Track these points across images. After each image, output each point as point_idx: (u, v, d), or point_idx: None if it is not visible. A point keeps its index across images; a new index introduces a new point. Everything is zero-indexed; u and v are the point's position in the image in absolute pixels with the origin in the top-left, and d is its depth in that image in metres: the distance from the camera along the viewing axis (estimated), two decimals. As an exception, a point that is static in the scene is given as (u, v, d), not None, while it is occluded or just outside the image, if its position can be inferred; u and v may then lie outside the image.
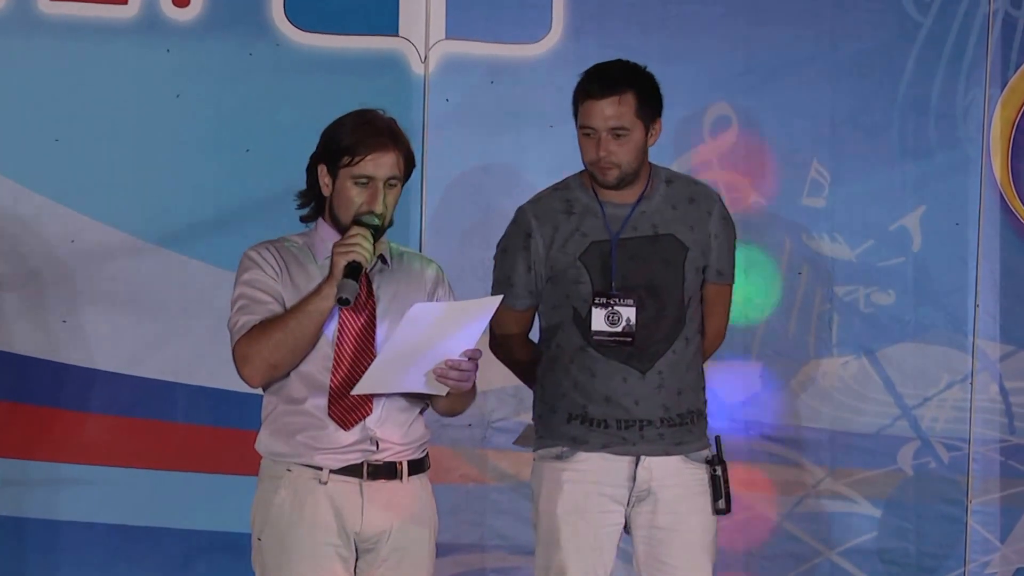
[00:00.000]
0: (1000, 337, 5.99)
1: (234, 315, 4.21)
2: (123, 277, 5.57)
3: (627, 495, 4.55)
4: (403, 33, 5.65)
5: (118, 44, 5.51)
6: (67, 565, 5.59)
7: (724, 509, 4.57)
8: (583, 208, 4.57)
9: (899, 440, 5.96)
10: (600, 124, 4.46)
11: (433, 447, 5.57)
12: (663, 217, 4.58)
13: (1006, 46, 5.93)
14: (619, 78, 4.49)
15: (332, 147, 4.24)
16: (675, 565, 4.56)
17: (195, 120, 5.55)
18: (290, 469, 4.21)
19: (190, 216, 5.56)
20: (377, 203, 4.19)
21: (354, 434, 4.21)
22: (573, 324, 4.55)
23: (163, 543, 5.58)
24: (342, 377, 4.19)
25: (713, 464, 4.58)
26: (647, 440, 4.54)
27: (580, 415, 4.55)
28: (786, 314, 5.91)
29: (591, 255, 4.54)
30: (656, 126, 4.55)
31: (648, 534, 4.58)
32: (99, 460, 5.56)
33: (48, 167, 5.51)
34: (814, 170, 5.89)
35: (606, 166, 4.48)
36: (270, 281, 4.22)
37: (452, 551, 5.72)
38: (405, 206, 5.59)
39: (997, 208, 5.95)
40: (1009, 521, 6.01)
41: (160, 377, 5.56)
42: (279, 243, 4.30)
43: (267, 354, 4.14)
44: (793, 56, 5.87)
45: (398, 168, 4.22)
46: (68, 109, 5.50)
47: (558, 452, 4.56)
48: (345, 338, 4.21)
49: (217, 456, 5.36)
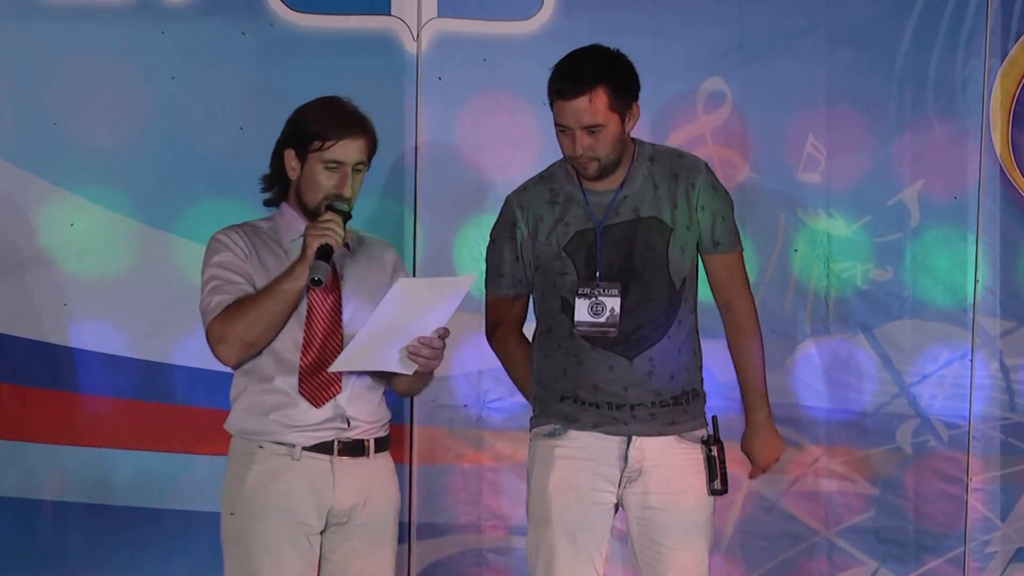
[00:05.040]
0: (1001, 313, 5.97)
1: (206, 296, 4.32)
2: (121, 259, 5.60)
3: (618, 475, 4.57)
4: (395, 12, 5.67)
5: (114, 27, 5.55)
6: (76, 545, 5.64)
7: (720, 490, 4.57)
8: (566, 197, 4.58)
9: (898, 418, 5.94)
10: (574, 123, 4.44)
11: (429, 428, 5.83)
12: (645, 199, 4.57)
13: (1006, 15, 5.89)
14: (589, 74, 4.43)
15: (301, 132, 4.35)
16: (668, 545, 4.57)
17: (191, 100, 5.58)
18: (262, 446, 4.32)
19: (188, 196, 5.59)
20: (346, 187, 4.31)
21: (326, 412, 4.31)
22: (562, 313, 4.57)
23: (163, 524, 5.64)
24: (312, 356, 4.30)
25: (709, 444, 4.59)
26: (639, 420, 4.56)
27: (572, 396, 4.58)
28: (782, 291, 5.90)
29: (575, 245, 4.55)
30: (633, 111, 4.52)
31: (641, 514, 4.58)
32: (101, 442, 5.61)
33: (46, 150, 5.55)
34: (810, 145, 5.87)
35: (585, 161, 4.49)
36: (240, 262, 4.33)
37: (449, 531, 5.79)
38: (399, 182, 5.72)
39: (997, 181, 5.92)
40: (1010, 499, 5.99)
41: (160, 359, 5.61)
42: (246, 226, 4.41)
43: (242, 332, 4.25)
44: (788, 29, 5.84)
45: (365, 154, 4.35)
46: (66, 93, 5.54)
47: (551, 429, 4.59)
48: (315, 318, 4.32)
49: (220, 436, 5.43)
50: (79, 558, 5.65)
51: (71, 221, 5.56)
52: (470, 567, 5.82)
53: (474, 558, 5.81)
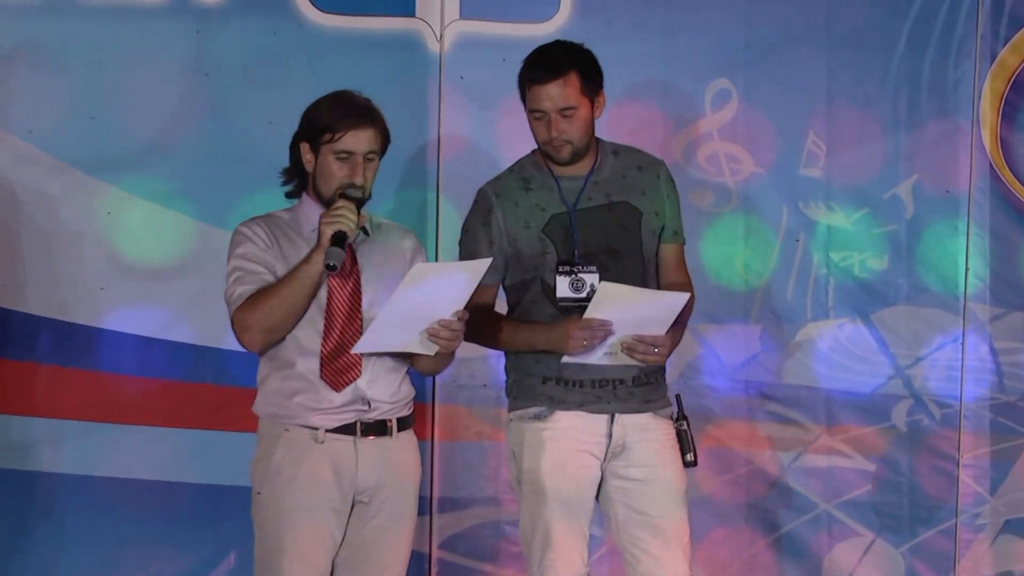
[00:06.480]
0: (990, 300, 6.00)
1: (230, 287, 4.37)
2: (155, 246, 5.65)
3: (604, 451, 4.64)
4: (420, 14, 5.72)
5: (151, 27, 5.58)
6: (105, 517, 5.66)
7: (692, 462, 4.67)
8: (539, 184, 4.65)
9: (893, 398, 5.99)
10: (549, 106, 4.54)
11: (449, 406, 5.67)
12: (615, 185, 4.66)
13: (995, 21, 5.93)
14: (561, 60, 4.55)
15: (313, 126, 4.39)
16: (653, 514, 4.65)
17: (223, 96, 5.62)
18: (287, 429, 4.38)
19: (217, 186, 5.62)
20: (358, 175, 4.35)
21: (347, 395, 4.36)
22: (543, 295, 4.62)
23: (196, 498, 5.70)
24: (333, 342, 4.36)
25: (678, 420, 4.69)
26: (620, 398, 4.63)
27: (556, 377, 4.62)
28: (784, 279, 5.93)
29: (553, 227, 4.62)
30: (600, 99, 4.61)
31: (623, 485, 4.65)
32: (133, 419, 5.66)
33: (85, 143, 5.58)
34: (811, 141, 5.91)
35: (559, 144, 4.57)
36: (261, 253, 4.38)
37: (469, 504, 5.83)
38: (422, 175, 5.73)
39: (987, 176, 5.96)
40: (999, 475, 6.02)
41: (192, 341, 5.67)
42: (268, 218, 4.46)
43: (263, 320, 4.30)
44: (791, 32, 5.88)
45: (375, 143, 4.38)
46: (104, 88, 5.58)
47: (536, 412, 4.65)
48: (334, 305, 4.37)
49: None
50: (111, 530, 5.69)
51: (108, 209, 5.61)
52: (488, 538, 5.85)
53: (492, 530, 5.84)
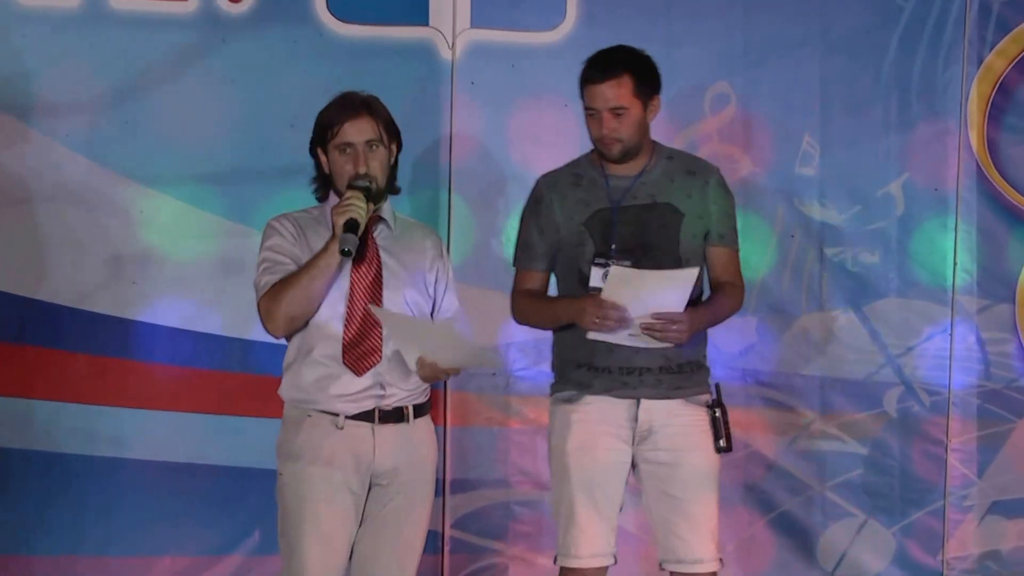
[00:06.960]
0: (977, 292, 6.09)
1: (258, 276, 4.51)
2: (183, 243, 5.74)
3: (631, 435, 4.73)
4: (433, 23, 5.81)
5: (179, 35, 5.68)
6: (132, 497, 5.75)
7: (725, 447, 4.74)
8: (590, 181, 4.75)
9: (884, 385, 6.08)
10: (601, 104, 4.65)
11: (461, 393, 5.79)
12: (661, 188, 4.74)
13: (982, 27, 6.01)
14: (616, 63, 4.66)
15: (319, 129, 4.51)
16: (680, 497, 4.73)
17: (247, 101, 5.71)
18: (310, 415, 4.48)
19: (241, 186, 5.71)
20: (361, 164, 4.43)
21: (366, 380, 4.46)
22: (579, 285, 4.72)
23: (222, 479, 5.80)
24: (355, 329, 4.45)
25: (713, 408, 4.76)
26: (646, 385, 4.72)
27: (587, 364, 4.73)
28: (780, 273, 6.03)
29: (594, 221, 4.71)
30: (654, 103, 4.71)
31: (652, 469, 4.74)
32: (163, 406, 5.75)
33: (117, 146, 5.66)
34: (805, 142, 6.00)
35: (609, 141, 4.68)
36: (289, 246, 4.50)
37: (480, 486, 5.93)
38: (435, 174, 5.81)
39: (974, 175, 6.05)
40: (986, 459, 6.12)
41: (218, 332, 5.77)
42: (299, 213, 4.59)
43: (285, 307, 4.40)
44: (787, 39, 5.97)
45: (375, 132, 4.44)
46: (135, 94, 5.66)
47: (568, 395, 4.76)
48: (356, 293, 4.47)
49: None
50: (142, 510, 5.77)
51: (140, 208, 5.70)
52: (499, 518, 5.95)
53: (502, 510, 5.95)
